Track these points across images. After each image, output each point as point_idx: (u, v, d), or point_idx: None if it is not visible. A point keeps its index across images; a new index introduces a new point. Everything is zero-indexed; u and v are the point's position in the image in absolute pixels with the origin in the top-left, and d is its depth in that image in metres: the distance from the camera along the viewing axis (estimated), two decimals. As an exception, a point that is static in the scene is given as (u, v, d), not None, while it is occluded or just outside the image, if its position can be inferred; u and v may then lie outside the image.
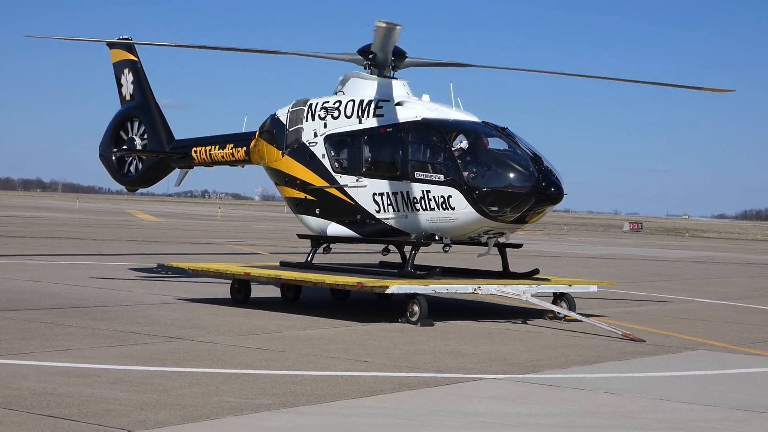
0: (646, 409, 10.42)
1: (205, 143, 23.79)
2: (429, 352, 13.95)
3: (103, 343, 13.46)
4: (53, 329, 14.51)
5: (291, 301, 20.11)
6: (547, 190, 18.12)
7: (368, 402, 10.22)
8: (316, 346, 14.09)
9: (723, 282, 33.49)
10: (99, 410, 9.17)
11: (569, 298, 18.93)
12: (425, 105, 19.51)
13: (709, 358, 14.80)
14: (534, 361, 13.55)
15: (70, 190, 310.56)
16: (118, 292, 20.33)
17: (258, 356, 12.90)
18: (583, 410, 10.26)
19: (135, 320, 15.98)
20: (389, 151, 19.29)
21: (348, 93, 20.20)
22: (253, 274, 19.06)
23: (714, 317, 20.83)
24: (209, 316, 17.06)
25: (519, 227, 18.94)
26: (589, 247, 60.84)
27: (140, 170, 25.42)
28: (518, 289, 18.32)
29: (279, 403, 9.88)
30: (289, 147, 20.76)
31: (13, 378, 10.60)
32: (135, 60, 26.29)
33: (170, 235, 51.68)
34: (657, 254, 55.44)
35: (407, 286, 17.38)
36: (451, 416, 9.70)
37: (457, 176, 18.24)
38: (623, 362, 13.89)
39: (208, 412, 9.31)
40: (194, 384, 10.69)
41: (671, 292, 27.15)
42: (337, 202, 19.89)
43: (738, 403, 10.97)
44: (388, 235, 19.45)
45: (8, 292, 19.36)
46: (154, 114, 25.59)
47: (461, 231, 18.61)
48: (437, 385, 11.45)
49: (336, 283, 17.91)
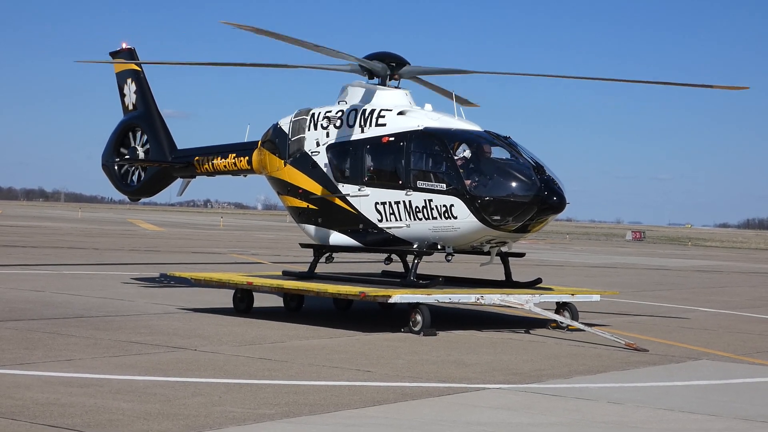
0: (649, 419, 10.41)
1: (207, 153, 23.81)
2: (432, 362, 13.94)
3: (106, 353, 13.46)
4: (56, 339, 14.51)
5: (294, 310, 20.10)
6: (550, 199, 18.12)
7: (371, 412, 10.21)
8: (318, 355, 14.08)
9: (726, 291, 33.46)
10: (102, 420, 9.17)
11: (572, 308, 18.91)
12: (427, 114, 19.52)
13: (712, 367, 14.78)
14: (537, 371, 13.53)
15: (73, 199, 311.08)
16: (120, 302, 20.33)
17: (261, 366, 12.89)
18: (586, 420, 10.24)
19: (138, 330, 15.98)
20: (391, 161, 19.30)
21: (350, 102, 20.23)
22: (256, 284, 19.05)
23: (717, 326, 20.81)
24: (212, 326, 17.05)
25: (521, 236, 18.93)
26: (592, 256, 60.81)
27: (143, 180, 25.44)
28: (521, 298, 18.30)
29: (282, 413, 9.87)
30: (292, 156, 20.78)
31: (16, 388, 10.59)
32: (138, 70, 26.33)
33: (173, 244, 51.69)
34: (660, 263, 55.41)
35: (410, 296, 17.37)
36: (453, 426, 9.69)
37: (459, 185, 18.24)
38: (626, 372, 13.87)
39: (210, 423, 9.30)
40: (197, 394, 10.69)
41: (674, 301, 27.12)
42: (340, 211, 19.90)
43: (741, 413, 10.96)
44: (390, 244, 19.44)
45: (11, 302, 19.36)
46: (156, 123, 25.62)
47: (464, 240, 18.61)
48: (440, 395, 11.44)
49: (339, 292, 17.90)
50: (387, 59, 20.33)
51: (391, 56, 20.40)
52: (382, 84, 20.26)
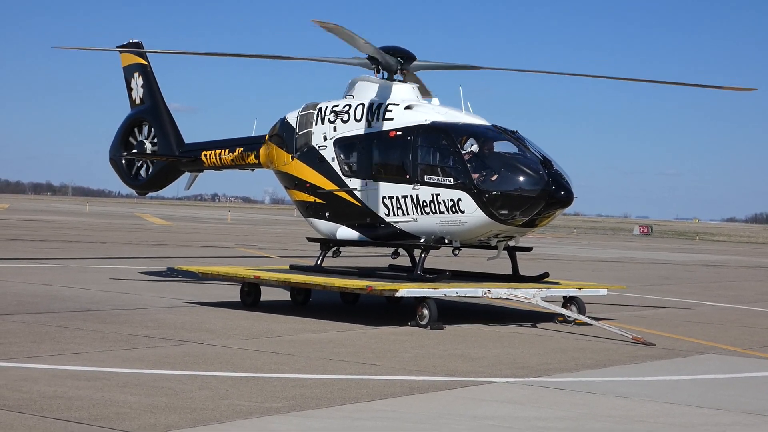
0: (655, 413, 10.40)
1: (214, 147, 23.82)
2: (438, 356, 13.94)
3: (113, 346, 13.48)
4: (63, 332, 14.54)
5: (301, 304, 20.11)
6: (557, 193, 18.10)
7: (378, 405, 10.22)
8: (325, 349, 14.09)
9: (733, 285, 33.41)
10: (109, 413, 9.19)
11: (579, 302, 18.90)
12: (435, 108, 19.50)
13: (720, 361, 14.77)
14: (544, 365, 13.53)
15: (80, 193, 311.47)
16: (128, 296, 20.36)
17: (268, 359, 12.90)
18: (593, 414, 10.24)
19: (145, 324, 16.00)
20: (399, 155, 19.28)
21: (357, 97, 20.20)
22: (263, 278, 19.07)
23: (724, 321, 20.78)
24: (219, 320, 17.08)
25: (529, 230, 18.92)
26: (599, 251, 60.74)
27: (150, 174, 25.47)
28: (528, 292, 18.30)
29: (289, 407, 9.88)
30: (299, 150, 20.78)
31: (24, 381, 10.62)
32: (145, 64, 26.34)
33: (180, 238, 51.75)
34: (667, 258, 55.34)
35: (417, 290, 17.37)
36: (460, 420, 9.69)
37: (466, 180, 18.22)
38: (633, 366, 13.86)
39: (218, 416, 9.31)
40: (204, 387, 10.70)
41: (681, 295, 27.10)
42: (347, 205, 19.90)
43: (748, 407, 10.94)
44: (397, 238, 19.44)
45: (18, 295, 19.40)
46: (163, 118, 25.64)
47: (471, 234, 18.59)
48: (447, 388, 11.44)
49: (345, 286, 17.91)
50: (397, 53, 20.26)
51: (400, 51, 20.34)
52: (390, 78, 20.22)
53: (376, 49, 19.61)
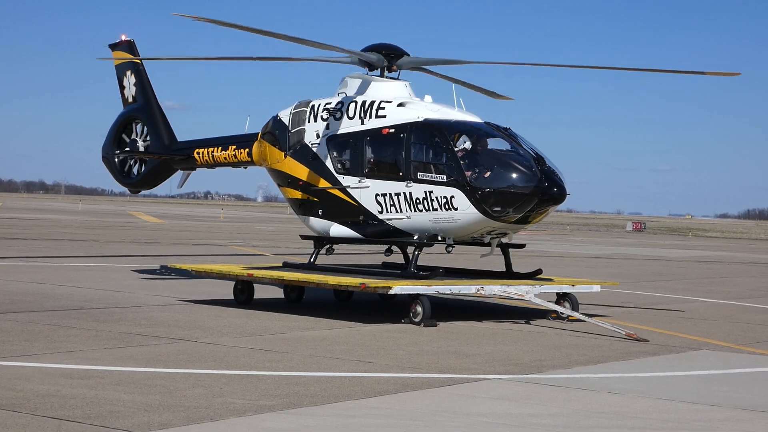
0: (649, 409, 10.41)
1: (207, 145, 23.79)
2: (432, 353, 13.94)
3: (107, 344, 13.47)
4: (56, 331, 14.52)
5: (294, 302, 20.11)
6: (550, 190, 18.11)
7: (372, 403, 10.22)
8: (319, 347, 14.09)
9: (726, 281, 33.46)
10: (102, 412, 9.18)
11: (572, 298, 18.91)
12: (427, 106, 19.50)
13: (713, 357, 14.79)
14: (537, 362, 13.54)
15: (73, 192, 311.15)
16: (121, 294, 20.34)
17: (261, 357, 12.90)
18: (587, 410, 10.25)
19: (138, 322, 15.99)
20: (392, 152, 19.28)
21: (350, 94, 20.21)
22: (256, 276, 19.06)
23: (717, 317, 20.82)
24: (212, 318, 17.06)
25: (522, 227, 18.93)
26: (592, 247, 60.81)
27: (143, 172, 25.44)
28: (521, 289, 18.30)
29: (282, 404, 9.88)
30: (292, 148, 20.77)
31: (17, 380, 10.60)
32: (137, 62, 26.30)
33: (173, 236, 51.70)
34: (660, 254, 55.41)
35: (410, 287, 17.37)
36: (454, 417, 9.69)
37: (459, 177, 18.23)
38: (627, 362, 13.88)
39: (211, 414, 9.31)
40: (198, 385, 10.69)
41: (674, 291, 27.13)
42: (340, 203, 19.89)
43: (742, 403, 10.96)
44: (390, 235, 19.44)
45: (11, 293, 19.37)
46: (156, 116, 25.60)
47: (464, 231, 18.60)
48: (440, 385, 11.45)
49: (339, 284, 17.90)
50: (384, 50, 20.28)
51: (388, 47, 20.35)
52: (381, 75, 20.23)
53: (357, 53, 19.76)
